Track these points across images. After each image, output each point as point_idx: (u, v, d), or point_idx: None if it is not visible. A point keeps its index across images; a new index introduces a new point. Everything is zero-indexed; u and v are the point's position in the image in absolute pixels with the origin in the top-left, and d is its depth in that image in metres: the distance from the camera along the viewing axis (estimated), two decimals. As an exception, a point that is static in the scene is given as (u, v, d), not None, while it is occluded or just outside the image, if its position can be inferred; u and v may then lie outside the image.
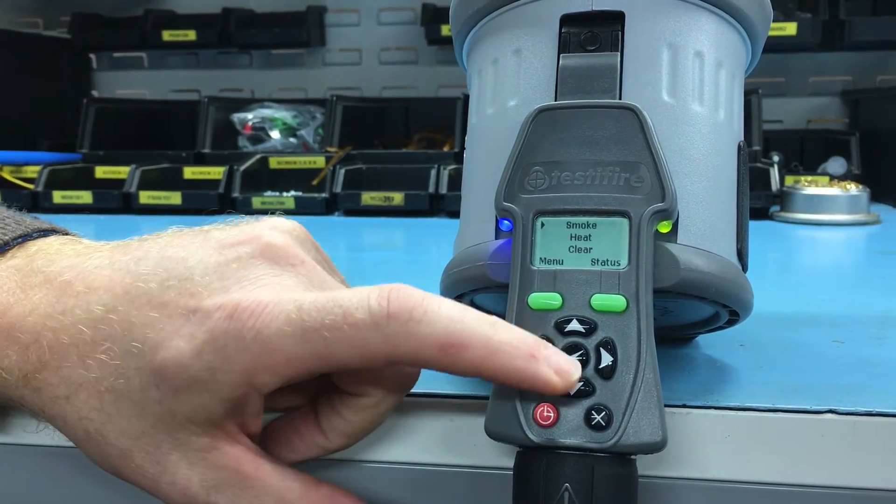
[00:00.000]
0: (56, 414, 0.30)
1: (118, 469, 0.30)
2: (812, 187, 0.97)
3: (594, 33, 0.32)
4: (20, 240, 0.33)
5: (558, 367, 0.27)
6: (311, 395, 0.32)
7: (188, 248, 0.30)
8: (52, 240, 0.33)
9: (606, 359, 0.28)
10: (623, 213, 0.29)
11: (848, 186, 0.96)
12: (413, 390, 0.32)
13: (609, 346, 0.28)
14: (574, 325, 0.29)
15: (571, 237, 0.30)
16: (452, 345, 0.27)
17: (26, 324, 0.29)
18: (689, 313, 0.36)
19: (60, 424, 0.30)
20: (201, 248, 0.30)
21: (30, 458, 0.37)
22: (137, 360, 0.28)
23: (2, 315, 0.30)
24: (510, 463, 0.29)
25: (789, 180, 1.06)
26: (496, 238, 0.32)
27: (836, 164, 1.17)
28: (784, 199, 0.99)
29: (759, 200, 0.98)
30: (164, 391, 0.28)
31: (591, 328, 0.28)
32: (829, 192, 0.95)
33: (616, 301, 0.29)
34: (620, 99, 0.31)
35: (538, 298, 0.29)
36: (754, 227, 0.35)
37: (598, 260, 0.29)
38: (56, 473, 0.38)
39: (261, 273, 0.29)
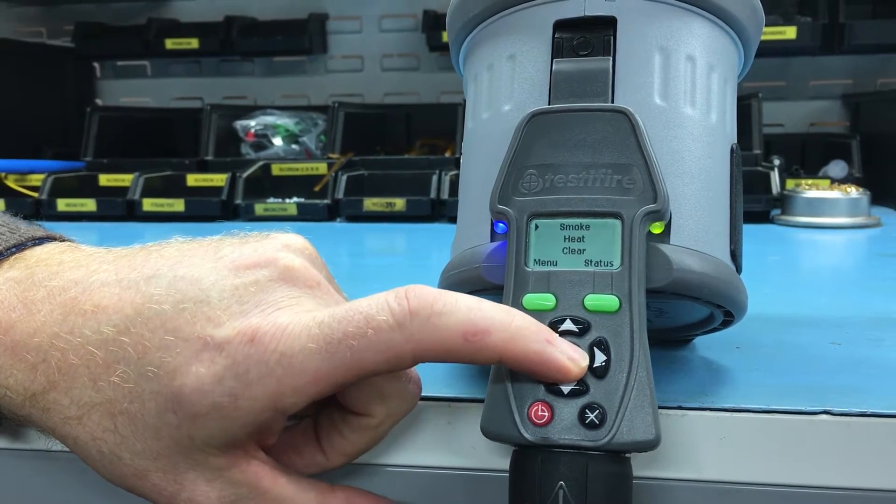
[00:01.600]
0: (67, 434, 0.29)
1: (133, 487, 0.30)
2: (813, 191, 0.97)
3: (587, 38, 0.33)
4: (14, 249, 0.32)
5: (570, 354, 0.28)
6: (314, 410, 0.32)
7: (200, 267, 0.29)
8: (51, 248, 0.32)
9: (600, 358, 0.28)
10: (615, 215, 0.30)
11: (848, 190, 0.96)
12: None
13: (602, 345, 0.28)
14: (568, 325, 0.29)
15: (565, 239, 0.30)
16: (476, 332, 0.27)
17: (32, 343, 0.29)
18: (684, 315, 0.36)
19: (71, 444, 0.30)
20: (215, 268, 0.29)
21: (30, 461, 0.38)
22: (153, 384, 0.28)
23: (5, 332, 0.29)
24: (507, 465, 0.29)
25: (790, 184, 1.06)
26: (491, 240, 0.33)
27: (837, 168, 1.17)
28: (785, 202, 0.99)
29: (760, 204, 0.98)
30: (181, 416, 0.28)
31: (584, 328, 0.29)
32: (829, 195, 0.95)
33: (609, 301, 0.29)
34: (613, 103, 0.32)
35: (532, 299, 0.30)
36: (755, 230, 0.36)
37: (591, 261, 0.30)
38: (56, 478, 0.38)
39: (280, 296, 0.29)
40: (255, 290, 0.29)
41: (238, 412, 0.27)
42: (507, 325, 0.27)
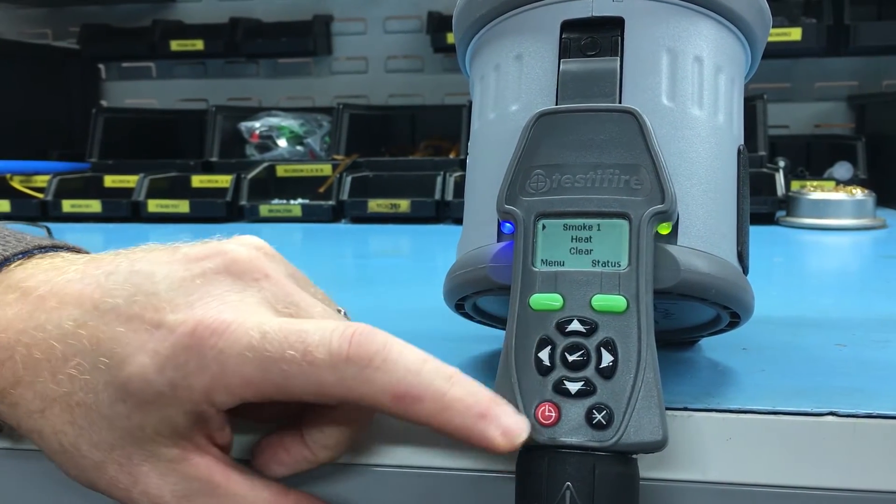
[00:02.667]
0: (32, 428, 0.30)
1: (93, 481, 0.30)
2: (818, 192, 0.97)
3: (594, 39, 0.33)
4: (21, 256, 0.33)
5: (506, 427, 0.27)
6: (298, 409, 0.33)
7: (156, 262, 0.30)
8: (39, 257, 0.33)
9: (607, 358, 0.28)
10: (623, 215, 0.30)
11: (854, 191, 0.96)
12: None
13: (610, 345, 0.28)
14: (575, 326, 0.29)
15: (572, 239, 0.30)
16: (406, 396, 0.27)
17: (1, 341, 0.30)
18: (691, 316, 0.36)
19: (37, 438, 0.30)
20: (168, 262, 0.30)
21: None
22: (105, 374, 0.28)
23: None
24: (513, 466, 0.29)
25: (795, 185, 1.06)
26: (498, 241, 0.33)
27: (843, 169, 1.17)
28: (790, 204, 0.99)
29: (765, 205, 0.98)
30: (130, 405, 0.28)
31: (591, 328, 0.29)
32: (834, 196, 0.95)
33: (616, 301, 0.29)
34: (620, 103, 0.32)
35: (539, 299, 0.30)
36: (760, 232, 0.36)
37: (598, 261, 0.30)
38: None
39: (224, 289, 0.29)
40: (201, 282, 0.29)
41: (177, 401, 0.28)
42: (441, 396, 0.27)
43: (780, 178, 1.03)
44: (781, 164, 1.15)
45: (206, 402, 0.28)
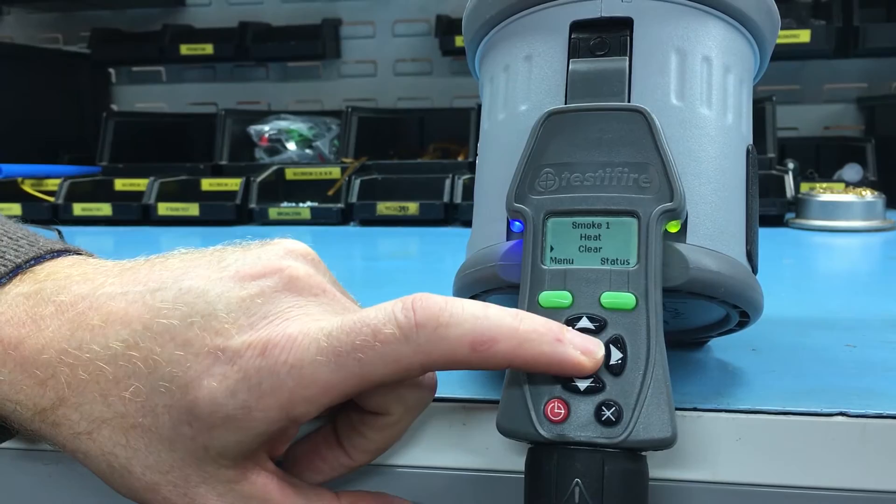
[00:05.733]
0: (77, 448, 0.29)
1: (145, 501, 0.30)
2: (827, 194, 0.97)
3: (603, 39, 0.33)
4: (33, 262, 0.32)
5: (584, 347, 0.28)
6: (329, 414, 0.33)
7: (205, 278, 0.29)
8: (61, 262, 0.33)
9: (616, 355, 0.28)
10: (632, 213, 0.30)
11: (863, 193, 0.95)
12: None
13: (619, 342, 0.28)
14: (584, 323, 0.29)
15: (581, 237, 0.30)
16: (483, 342, 0.27)
17: (41, 359, 0.29)
18: (700, 315, 0.36)
19: (81, 458, 0.30)
20: (220, 280, 0.29)
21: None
22: (166, 398, 0.28)
23: (14, 348, 0.29)
24: (522, 465, 0.30)
25: (804, 187, 1.06)
26: (507, 239, 0.33)
27: (852, 171, 1.16)
28: (799, 206, 0.99)
29: (774, 207, 0.98)
30: (197, 428, 0.28)
31: (600, 325, 0.29)
32: (844, 198, 0.95)
33: (625, 299, 0.29)
34: (629, 102, 0.32)
35: (549, 297, 0.30)
36: (769, 234, 0.36)
37: (607, 259, 0.30)
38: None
39: (286, 306, 0.29)
40: (261, 301, 0.29)
41: (252, 423, 0.28)
42: (514, 331, 0.27)
43: (789, 180, 1.03)
44: (791, 166, 1.15)
45: (284, 419, 0.28)
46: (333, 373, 0.27)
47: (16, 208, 1.16)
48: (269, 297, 0.29)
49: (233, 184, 1.15)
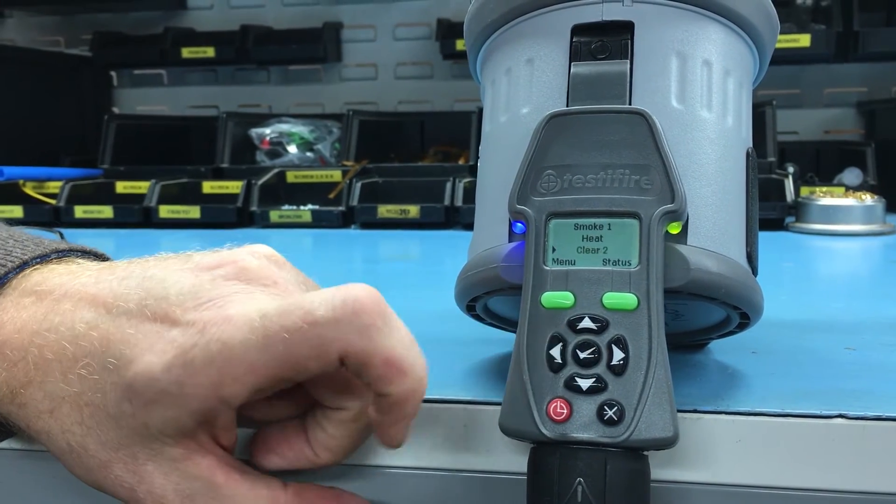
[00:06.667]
0: (41, 429, 0.31)
1: (98, 481, 0.31)
2: (827, 198, 0.97)
3: (604, 42, 0.33)
4: (39, 259, 0.34)
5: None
6: (303, 409, 0.33)
7: (168, 269, 0.31)
8: (60, 261, 0.34)
9: (618, 355, 0.29)
10: (633, 215, 0.30)
11: (863, 197, 0.95)
12: (425, 395, 0.32)
13: (621, 343, 0.29)
14: (586, 323, 0.29)
15: (583, 238, 0.30)
16: (395, 365, 0.28)
17: (14, 341, 0.30)
18: (700, 317, 0.37)
19: (45, 439, 0.31)
20: (180, 270, 0.31)
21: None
22: (113, 374, 0.29)
23: None
24: (523, 466, 0.30)
25: (804, 191, 1.06)
26: (509, 241, 0.33)
27: (852, 175, 1.17)
28: (799, 209, 0.99)
29: (775, 211, 0.98)
30: (136, 405, 0.29)
31: (602, 326, 0.29)
32: (844, 202, 0.95)
33: (627, 299, 0.29)
34: (630, 105, 0.32)
35: (551, 297, 0.30)
36: (769, 237, 0.36)
37: (609, 260, 0.30)
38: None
39: (233, 291, 0.30)
40: (210, 287, 0.30)
41: (184, 399, 0.28)
42: (420, 381, 0.28)
43: (789, 184, 1.03)
44: (791, 170, 1.15)
45: (215, 397, 0.28)
46: (260, 352, 0.28)
47: (17, 211, 1.16)
48: (218, 284, 0.30)
49: (234, 187, 1.15)
